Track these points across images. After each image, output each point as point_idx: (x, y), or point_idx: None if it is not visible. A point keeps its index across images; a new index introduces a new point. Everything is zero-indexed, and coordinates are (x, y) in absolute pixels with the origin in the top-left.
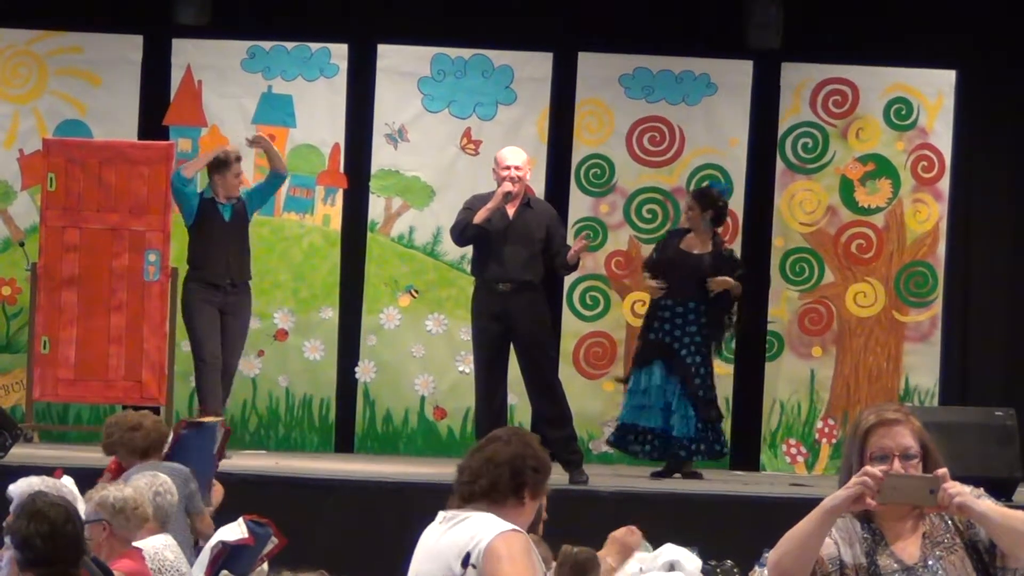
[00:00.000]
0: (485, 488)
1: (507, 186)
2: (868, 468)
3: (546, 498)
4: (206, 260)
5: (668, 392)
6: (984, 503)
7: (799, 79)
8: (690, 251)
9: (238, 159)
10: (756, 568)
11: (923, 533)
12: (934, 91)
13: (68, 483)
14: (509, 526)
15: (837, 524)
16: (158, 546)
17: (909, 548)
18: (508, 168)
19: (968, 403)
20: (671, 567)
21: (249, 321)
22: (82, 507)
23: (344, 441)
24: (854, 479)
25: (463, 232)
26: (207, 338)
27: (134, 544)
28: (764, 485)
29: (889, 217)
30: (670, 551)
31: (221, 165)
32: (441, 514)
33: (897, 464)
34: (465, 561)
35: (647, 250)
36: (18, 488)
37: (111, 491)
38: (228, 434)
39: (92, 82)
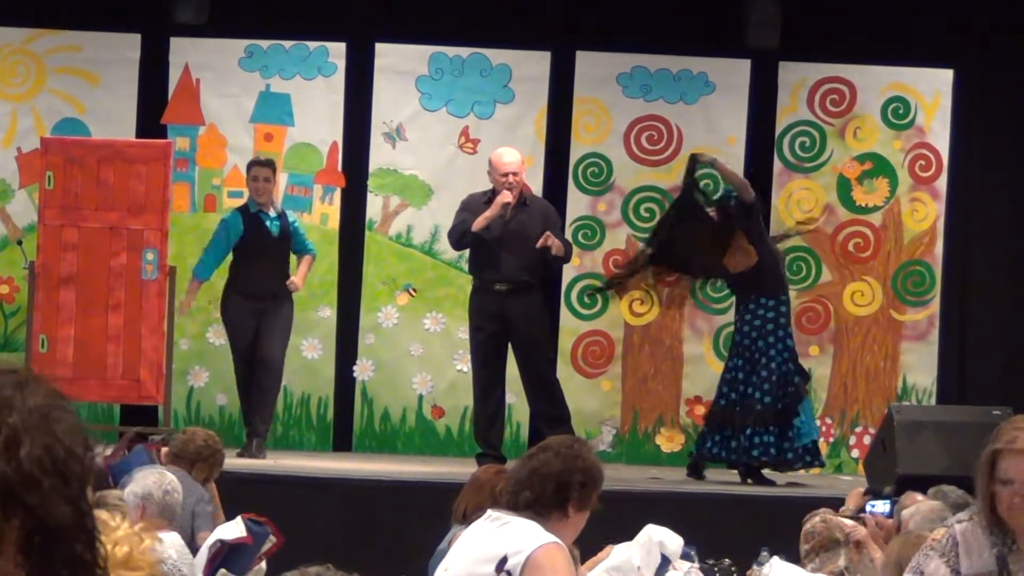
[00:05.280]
0: (529, 500)
1: (506, 196)
2: None
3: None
4: (249, 273)
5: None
6: None
7: (797, 78)
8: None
9: (262, 164)
10: (754, 567)
11: None
12: (932, 90)
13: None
14: (551, 538)
15: (964, 533)
16: (164, 543)
17: None
18: (506, 176)
19: (966, 402)
20: (656, 545)
21: (292, 313)
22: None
23: (342, 440)
24: None
25: (460, 239)
26: (238, 353)
27: None
28: (762, 484)
29: (887, 216)
30: (651, 531)
31: (248, 167)
32: (489, 512)
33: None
34: (500, 566)
35: None
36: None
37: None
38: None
39: (90, 81)
